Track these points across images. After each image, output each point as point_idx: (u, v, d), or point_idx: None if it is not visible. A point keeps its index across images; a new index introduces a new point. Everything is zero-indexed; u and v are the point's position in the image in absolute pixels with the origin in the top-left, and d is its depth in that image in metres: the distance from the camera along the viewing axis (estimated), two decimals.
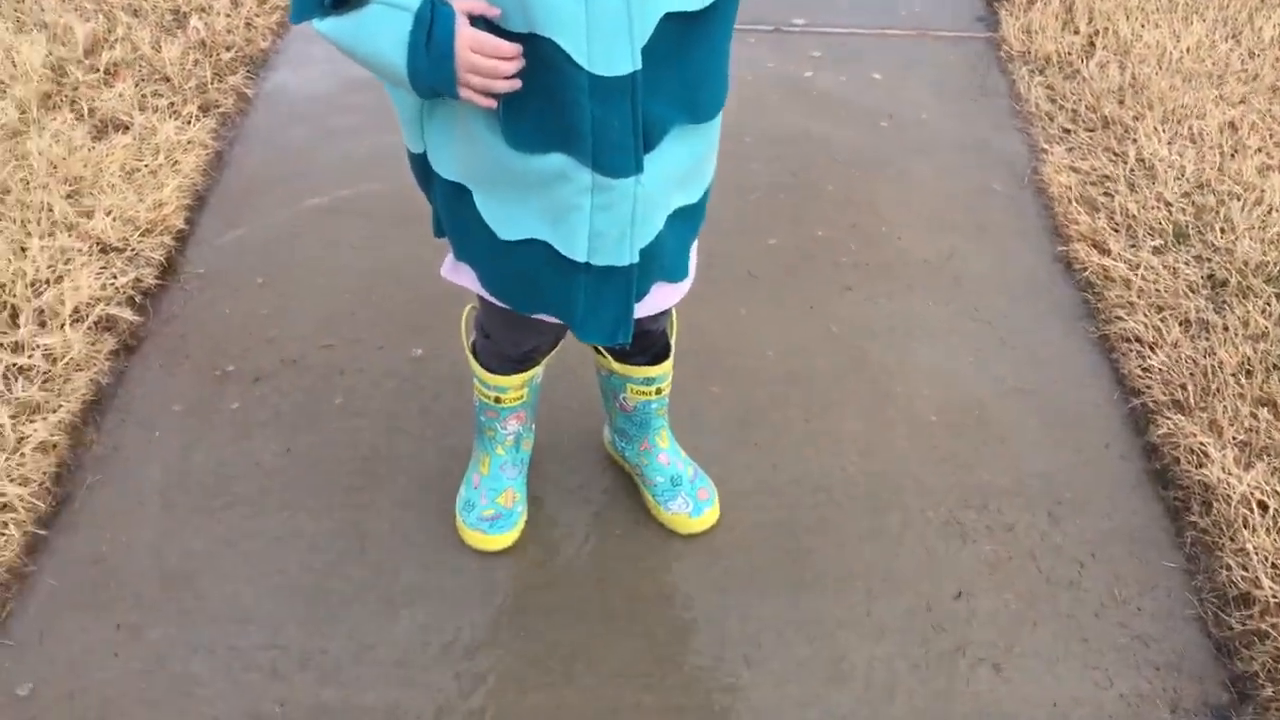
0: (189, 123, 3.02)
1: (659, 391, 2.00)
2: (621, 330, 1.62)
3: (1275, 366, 2.35)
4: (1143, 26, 3.52)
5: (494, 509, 2.05)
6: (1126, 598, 2.03)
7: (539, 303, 1.65)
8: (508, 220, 1.54)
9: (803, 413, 2.36)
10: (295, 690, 1.87)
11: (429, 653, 1.92)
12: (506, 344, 1.90)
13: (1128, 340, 2.49)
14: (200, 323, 2.53)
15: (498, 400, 1.98)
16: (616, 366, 1.96)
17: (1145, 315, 2.51)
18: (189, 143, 2.94)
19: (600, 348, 1.94)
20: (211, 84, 3.19)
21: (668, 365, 1.97)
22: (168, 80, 3.17)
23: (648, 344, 1.91)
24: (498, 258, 1.60)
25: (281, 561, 2.05)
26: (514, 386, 1.96)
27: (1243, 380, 2.32)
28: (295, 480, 2.19)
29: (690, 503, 2.08)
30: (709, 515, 2.10)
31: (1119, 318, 2.53)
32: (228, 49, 3.34)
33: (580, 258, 1.52)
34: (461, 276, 1.73)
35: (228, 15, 3.46)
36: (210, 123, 3.06)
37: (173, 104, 3.09)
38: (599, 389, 2.11)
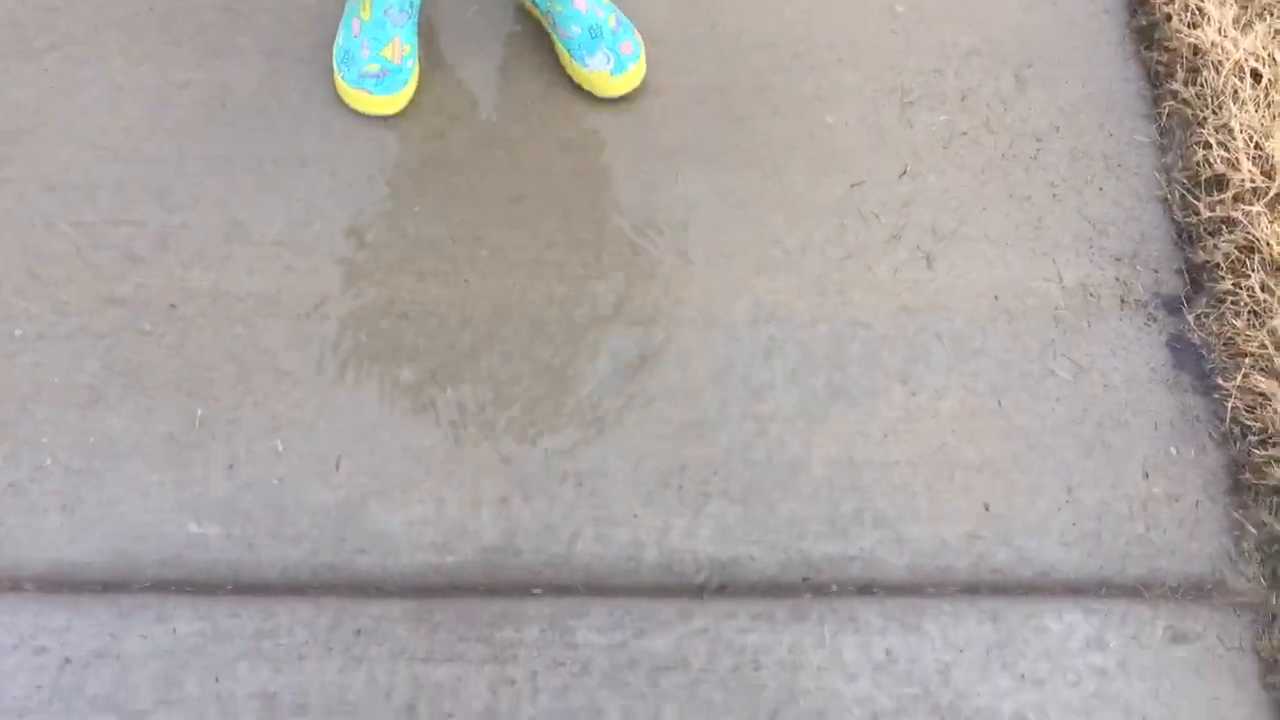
0: None
1: None
2: None
3: None
4: None
5: (379, 64, 1.72)
6: (1089, 176, 1.84)
7: None
8: None
9: None
10: (156, 273, 1.64)
11: (310, 232, 1.68)
12: None
13: None
14: None
15: None
16: None
17: None
18: None
19: None
20: None
21: None
22: None
23: None
24: None
25: (127, 118, 1.74)
26: None
27: None
28: (135, 18, 1.81)
29: (611, 58, 1.77)
30: (634, 73, 1.79)
31: None
32: None
33: None
34: None
35: None
36: None
37: None
38: None
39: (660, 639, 1.46)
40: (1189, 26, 1.90)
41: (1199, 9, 1.90)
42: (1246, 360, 1.66)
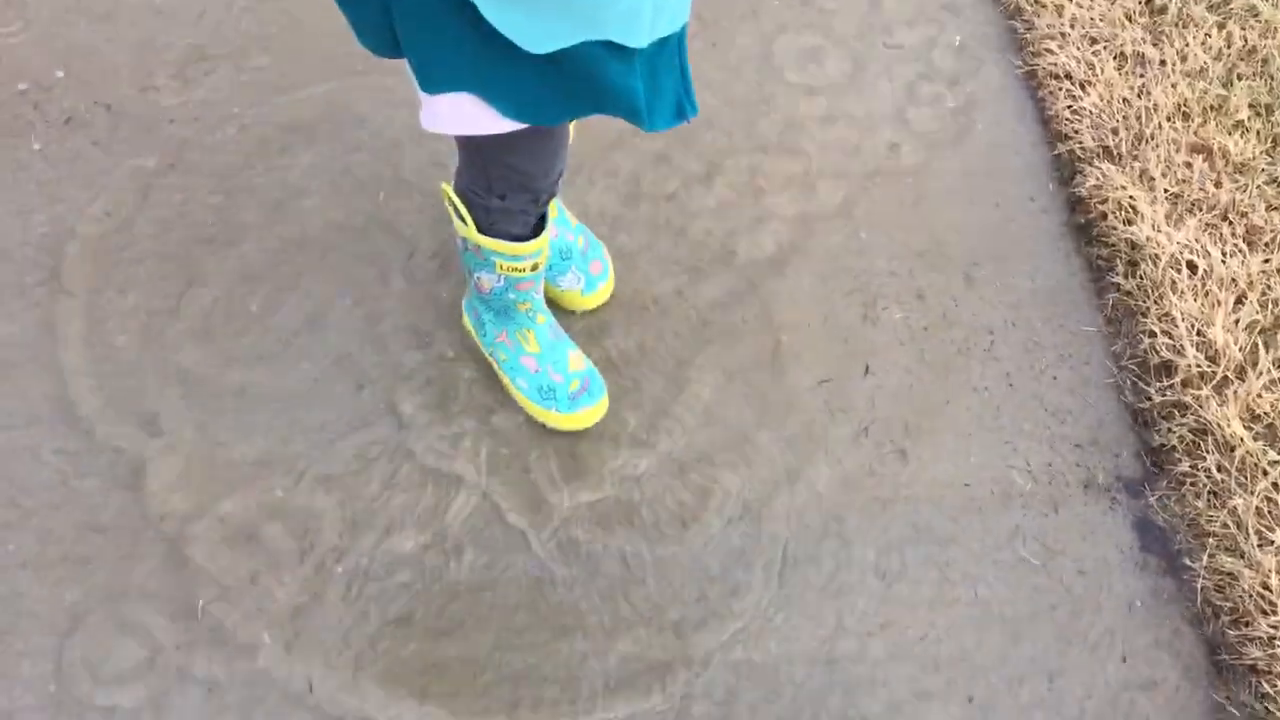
0: None
1: None
2: (687, 101, 1.32)
3: (1213, 108, 2.17)
4: None
5: (578, 379, 1.75)
6: (1043, 367, 1.92)
7: (587, 104, 1.27)
8: (543, 34, 1.15)
9: (704, 167, 2.11)
10: (138, 498, 1.67)
11: (290, 450, 1.72)
12: (538, 176, 1.46)
13: (1057, 77, 2.26)
14: None
15: (535, 268, 1.61)
16: None
17: (1078, 48, 2.27)
18: None
19: None
20: None
21: None
22: None
23: None
24: (523, 74, 1.20)
25: (108, 346, 1.79)
26: (545, 238, 1.59)
27: (1178, 124, 2.13)
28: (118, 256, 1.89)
29: (581, 277, 1.85)
30: (603, 291, 1.87)
31: (1049, 50, 2.29)
32: None
33: (643, 43, 1.18)
34: (460, 120, 1.27)
35: None
36: None
37: None
38: None
39: None
40: (1124, 223, 2.02)
41: (1131, 206, 2.02)
42: (1211, 540, 1.69)
